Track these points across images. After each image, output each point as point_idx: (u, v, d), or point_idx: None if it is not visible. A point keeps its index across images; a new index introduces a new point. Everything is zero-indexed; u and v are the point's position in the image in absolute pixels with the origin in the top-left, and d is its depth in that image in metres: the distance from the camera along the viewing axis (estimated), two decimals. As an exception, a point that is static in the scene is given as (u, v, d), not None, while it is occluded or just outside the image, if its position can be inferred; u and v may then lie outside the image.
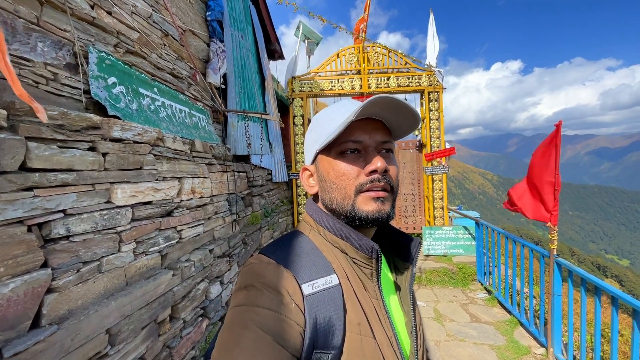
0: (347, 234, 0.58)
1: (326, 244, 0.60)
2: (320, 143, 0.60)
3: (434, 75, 5.84)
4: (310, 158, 0.65)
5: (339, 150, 0.58)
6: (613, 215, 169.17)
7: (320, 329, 0.49)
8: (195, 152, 2.73)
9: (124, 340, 1.70)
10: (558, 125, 2.61)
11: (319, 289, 0.52)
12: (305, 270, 0.54)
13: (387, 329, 0.55)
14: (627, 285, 47.79)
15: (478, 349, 2.99)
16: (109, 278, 1.70)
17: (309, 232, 0.63)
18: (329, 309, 0.51)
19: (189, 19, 3.29)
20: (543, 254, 2.92)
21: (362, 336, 0.51)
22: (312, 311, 0.50)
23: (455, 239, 5.16)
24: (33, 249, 1.30)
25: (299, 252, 0.57)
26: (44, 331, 1.28)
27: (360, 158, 0.58)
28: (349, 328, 0.51)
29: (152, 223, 2.08)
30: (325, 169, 0.60)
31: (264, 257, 0.56)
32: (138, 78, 2.33)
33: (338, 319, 0.51)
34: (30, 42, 1.55)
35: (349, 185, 0.57)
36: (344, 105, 0.62)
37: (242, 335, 0.44)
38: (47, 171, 1.39)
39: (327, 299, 0.52)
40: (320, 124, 0.62)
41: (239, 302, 0.50)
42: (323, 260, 0.56)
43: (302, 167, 0.68)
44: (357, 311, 0.53)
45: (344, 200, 0.58)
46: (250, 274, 0.53)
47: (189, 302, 2.36)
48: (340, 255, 0.59)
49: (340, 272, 0.56)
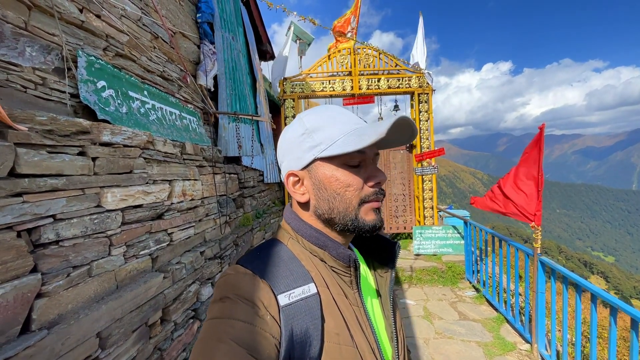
0: (325, 242, 0.59)
1: (305, 252, 0.60)
2: (321, 150, 0.57)
3: (424, 77, 5.93)
4: (300, 163, 0.60)
5: (345, 161, 0.57)
6: (599, 213, 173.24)
7: (296, 340, 0.49)
8: (186, 154, 2.74)
9: (114, 343, 1.71)
10: (541, 127, 2.70)
11: (296, 299, 0.52)
12: (281, 281, 0.53)
13: (368, 335, 0.56)
14: (613, 282, 49.05)
15: (466, 346, 3.07)
16: (100, 282, 1.70)
17: (287, 240, 0.62)
18: (306, 319, 0.51)
19: (179, 21, 3.29)
20: (528, 253, 3.01)
21: (341, 345, 0.51)
22: (288, 322, 0.50)
23: (445, 239, 5.26)
24: (22, 255, 1.30)
25: (276, 261, 0.57)
26: (34, 336, 1.29)
27: (362, 169, 0.59)
28: (327, 338, 0.51)
29: (142, 226, 2.09)
30: (327, 178, 0.58)
31: (240, 268, 0.55)
32: (128, 81, 2.33)
33: (315, 329, 0.50)
34: (18, 46, 1.54)
35: (354, 196, 0.57)
36: (342, 112, 0.61)
37: (216, 348, 0.44)
38: (36, 176, 1.39)
39: (304, 309, 0.51)
40: (318, 129, 0.58)
41: (214, 314, 0.49)
42: (301, 269, 0.56)
43: (287, 172, 0.62)
44: (337, 320, 0.53)
45: (347, 211, 0.58)
46: (226, 286, 0.53)
47: (180, 304, 2.37)
48: (319, 264, 0.59)
49: (319, 280, 0.56)
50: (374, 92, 6.04)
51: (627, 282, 50.15)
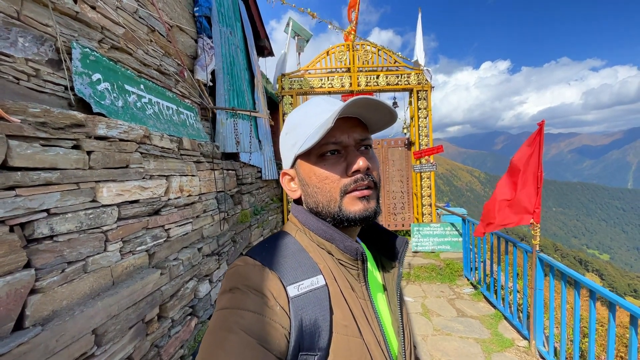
0: (332, 235, 0.58)
1: (312, 244, 0.60)
2: (298, 147, 0.58)
3: (423, 74, 5.90)
4: (288, 162, 0.63)
5: (319, 153, 0.57)
6: (594, 212, 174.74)
7: (305, 330, 0.49)
8: (183, 149, 2.70)
9: (110, 340, 1.68)
10: (541, 124, 2.68)
11: (305, 291, 0.52)
12: (290, 272, 0.54)
13: (375, 329, 0.56)
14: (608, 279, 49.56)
15: (464, 343, 3.07)
16: (95, 278, 1.67)
17: (295, 232, 0.62)
18: (315, 310, 0.51)
19: (176, 14, 3.24)
20: (526, 250, 3.01)
21: (349, 337, 0.51)
22: (297, 313, 0.50)
23: (443, 236, 5.26)
24: (15, 250, 1.27)
25: (285, 253, 0.57)
26: (27, 332, 1.26)
27: (341, 158, 0.57)
28: (336, 329, 0.51)
29: (139, 222, 2.06)
30: (307, 173, 0.59)
31: (250, 259, 0.55)
32: (124, 74, 2.29)
33: (324, 320, 0.50)
34: (10, 37, 1.51)
35: (333, 188, 0.57)
36: (317, 104, 0.60)
37: (226, 338, 0.44)
38: (29, 170, 1.36)
39: (312, 300, 0.52)
40: (295, 127, 0.60)
41: (224, 305, 0.49)
42: (309, 261, 0.56)
43: (282, 171, 0.66)
44: (345, 312, 0.53)
45: (330, 203, 0.57)
46: (235, 276, 0.53)
47: (177, 301, 2.34)
48: (327, 257, 0.59)
49: (327, 273, 0.56)
50: (372, 89, 6.01)
51: (622, 280, 50.71)
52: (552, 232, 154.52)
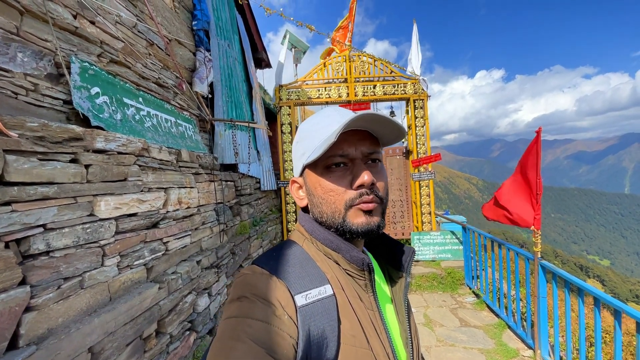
0: (338, 245, 0.58)
1: (320, 254, 0.60)
2: (307, 157, 0.59)
3: (419, 84, 5.97)
4: (297, 171, 0.64)
5: (326, 165, 0.57)
6: (593, 217, 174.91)
7: (313, 341, 0.48)
8: (181, 162, 2.69)
9: (107, 358, 1.64)
10: (538, 131, 2.70)
11: (313, 300, 0.51)
12: (298, 281, 0.53)
13: (383, 340, 0.55)
14: (609, 285, 49.28)
15: (468, 354, 3.01)
16: (92, 294, 1.64)
17: (303, 242, 0.62)
18: (323, 320, 0.50)
19: (174, 28, 3.28)
20: (528, 257, 2.99)
21: (357, 348, 0.51)
22: (305, 323, 0.49)
23: (443, 244, 5.23)
24: (10, 266, 1.24)
25: (292, 262, 0.56)
26: (21, 352, 1.22)
27: (348, 171, 0.57)
28: (344, 340, 0.50)
29: (137, 235, 2.03)
30: (313, 184, 0.60)
31: (257, 268, 0.55)
32: (122, 88, 2.29)
33: (332, 330, 0.50)
34: (9, 52, 1.51)
35: (338, 200, 0.57)
36: (327, 116, 0.61)
37: (234, 347, 0.43)
38: (26, 184, 1.34)
39: (320, 310, 0.51)
40: (305, 137, 0.61)
41: (231, 313, 0.49)
42: (317, 271, 0.56)
43: (291, 179, 0.67)
44: (353, 322, 0.53)
45: (334, 215, 0.57)
46: (243, 285, 0.52)
47: (175, 315, 2.30)
48: (334, 266, 0.59)
49: (335, 282, 0.56)
50: (369, 99, 6.06)
51: (624, 286, 50.41)
52: (552, 238, 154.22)
